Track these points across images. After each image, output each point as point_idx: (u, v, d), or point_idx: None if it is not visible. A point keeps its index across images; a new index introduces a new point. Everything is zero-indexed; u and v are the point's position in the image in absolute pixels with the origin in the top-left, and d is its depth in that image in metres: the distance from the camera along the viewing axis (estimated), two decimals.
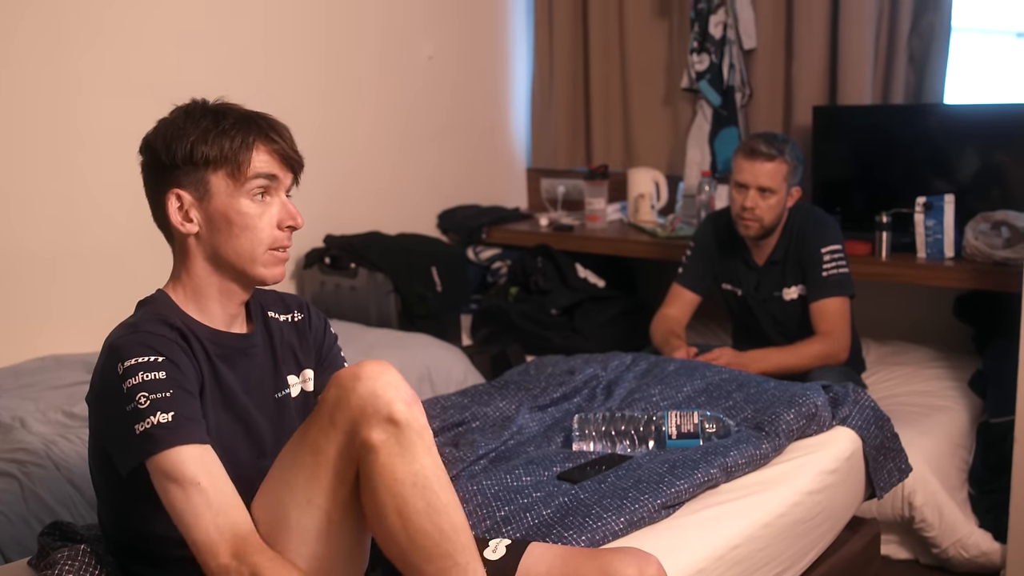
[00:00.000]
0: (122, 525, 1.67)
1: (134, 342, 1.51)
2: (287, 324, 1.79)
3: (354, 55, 4.06)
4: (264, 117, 1.64)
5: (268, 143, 1.61)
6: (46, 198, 3.13)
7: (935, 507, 2.93)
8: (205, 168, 1.58)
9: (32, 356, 3.12)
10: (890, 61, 3.79)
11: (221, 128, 1.58)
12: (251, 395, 1.67)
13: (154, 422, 1.44)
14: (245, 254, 1.61)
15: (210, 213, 1.60)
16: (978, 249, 3.28)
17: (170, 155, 1.58)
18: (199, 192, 1.60)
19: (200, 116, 1.60)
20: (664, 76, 4.43)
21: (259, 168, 1.60)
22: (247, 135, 1.59)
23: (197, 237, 1.63)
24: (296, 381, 1.77)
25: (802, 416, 2.39)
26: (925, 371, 3.58)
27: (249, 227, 1.60)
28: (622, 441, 2.35)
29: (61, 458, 2.43)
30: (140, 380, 1.47)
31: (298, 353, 1.79)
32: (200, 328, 1.63)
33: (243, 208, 1.60)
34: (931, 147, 3.64)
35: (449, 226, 4.46)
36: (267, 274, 1.64)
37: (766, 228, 3.10)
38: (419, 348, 3.39)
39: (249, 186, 1.59)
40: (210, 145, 1.57)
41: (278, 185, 1.63)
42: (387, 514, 1.46)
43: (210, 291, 1.65)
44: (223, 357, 1.64)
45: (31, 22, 3.04)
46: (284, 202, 1.64)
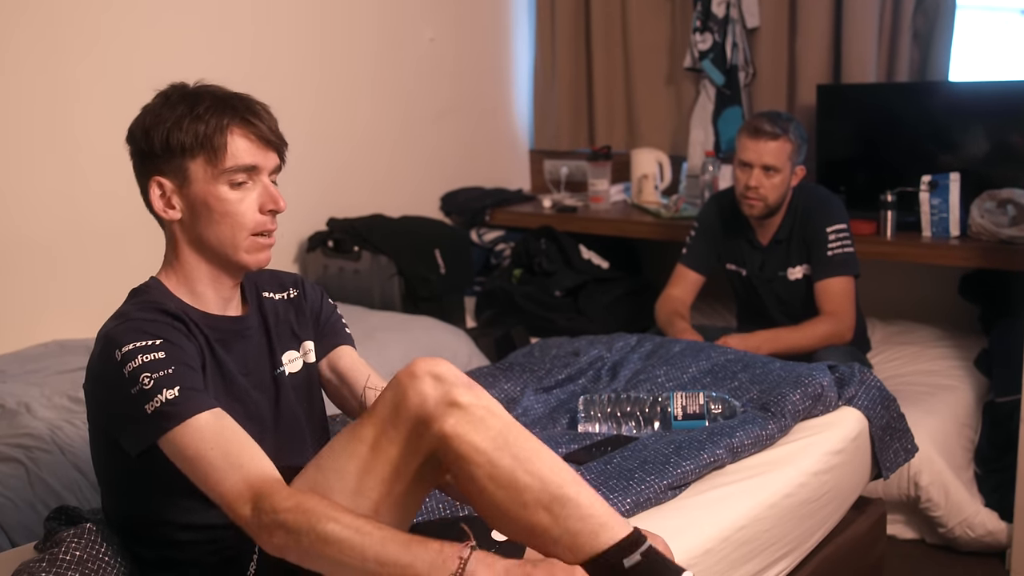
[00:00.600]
0: (126, 511, 1.68)
1: (128, 329, 1.51)
2: (283, 302, 1.79)
3: (355, 37, 4.04)
4: (241, 98, 1.62)
5: (245, 126, 1.59)
6: (49, 184, 3.12)
7: (941, 487, 2.93)
8: (182, 155, 1.57)
9: (36, 342, 3.13)
10: (894, 39, 3.77)
11: (196, 114, 1.57)
12: (249, 376, 1.68)
13: (162, 399, 1.44)
14: (227, 240, 1.60)
15: (191, 200, 1.60)
16: (984, 227, 3.26)
17: (149, 143, 1.58)
18: (179, 179, 1.59)
19: (177, 101, 1.59)
20: (667, 56, 4.41)
21: (238, 158, 1.58)
22: (221, 119, 1.57)
23: (181, 224, 1.63)
24: (296, 356, 1.77)
25: (808, 396, 2.38)
26: (931, 350, 3.57)
27: (229, 213, 1.59)
28: (627, 422, 2.34)
29: (67, 443, 2.43)
30: (140, 362, 1.47)
31: (296, 328, 1.79)
32: (195, 313, 1.63)
33: (222, 194, 1.59)
34: (936, 125, 3.62)
35: (452, 208, 4.45)
36: (250, 260, 1.63)
37: (770, 207, 3.08)
38: (423, 331, 3.38)
39: (228, 175, 1.58)
40: (185, 131, 1.56)
41: (259, 171, 1.61)
42: (489, 490, 1.42)
43: (200, 276, 1.65)
44: (220, 341, 1.64)
45: (29, 10, 3.03)
46: (266, 185, 1.62)
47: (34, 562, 1.62)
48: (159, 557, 1.65)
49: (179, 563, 1.64)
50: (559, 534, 1.40)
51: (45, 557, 1.63)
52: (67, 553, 1.62)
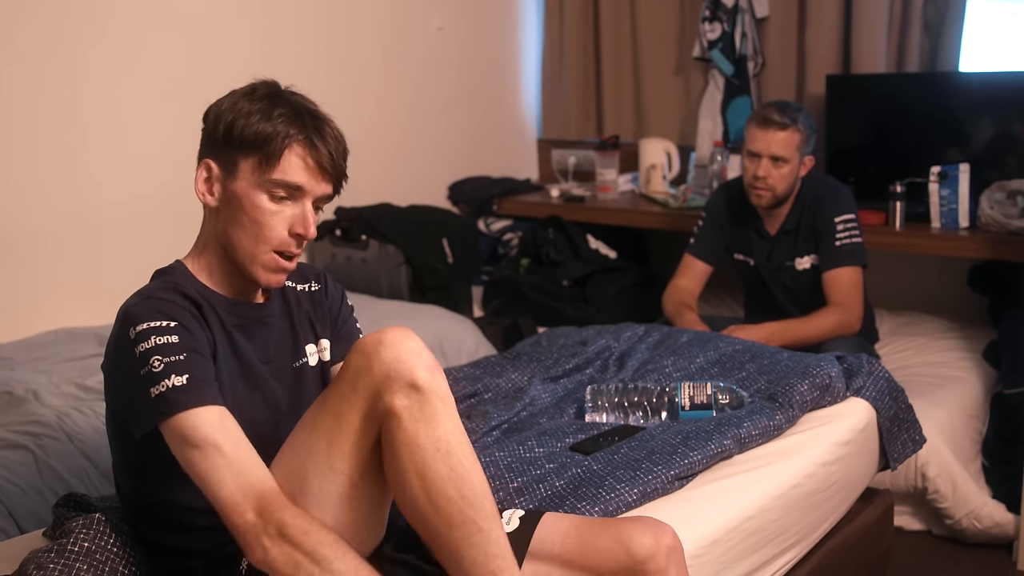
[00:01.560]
0: (140, 491, 1.67)
1: (146, 308, 1.51)
2: (304, 294, 1.79)
3: (362, 26, 4.03)
4: (316, 117, 1.60)
5: (307, 146, 1.57)
6: (59, 172, 3.13)
7: (948, 478, 2.92)
8: (239, 148, 1.56)
9: (45, 329, 3.13)
10: (904, 29, 3.75)
11: (268, 115, 1.55)
12: (269, 364, 1.67)
13: (169, 385, 1.44)
14: (247, 249, 1.59)
15: (230, 194, 1.58)
16: (993, 219, 3.25)
17: (216, 126, 1.58)
18: (227, 169, 1.58)
19: (260, 97, 1.58)
20: (676, 45, 4.39)
21: (288, 174, 1.56)
22: (288, 129, 1.55)
23: (215, 213, 1.62)
24: (313, 350, 1.76)
25: (816, 387, 2.38)
26: (939, 342, 3.56)
27: (259, 222, 1.57)
28: (635, 412, 2.34)
29: (75, 431, 2.43)
30: (153, 344, 1.46)
31: (315, 322, 1.78)
32: (216, 298, 1.62)
33: (259, 202, 1.57)
34: (946, 116, 3.61)
35: (460, 197, 4.45)
36: (263, 277, 1.61)
37: (779, 197, 3.08)
38: (430, 320, 3.38)
39: (271, 185, 1.56)
40: (250, 127, 1.55)
41: (304, 194, 1.58)
42: (409, 480, 1.45)
43: (222, 266, 1.64)
44: (240, 327, 1.64)
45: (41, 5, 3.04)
46: (306, 209, 1.59)
47: (43, 552, 1.62)
48: (170, 543, 1.65)
49: (189, 550, 1.64)
50: (460, 556, 1.46)
51: (54, 547, 1.63)
52: (75, 544, 1.62)
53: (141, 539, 1.69)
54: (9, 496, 2.21)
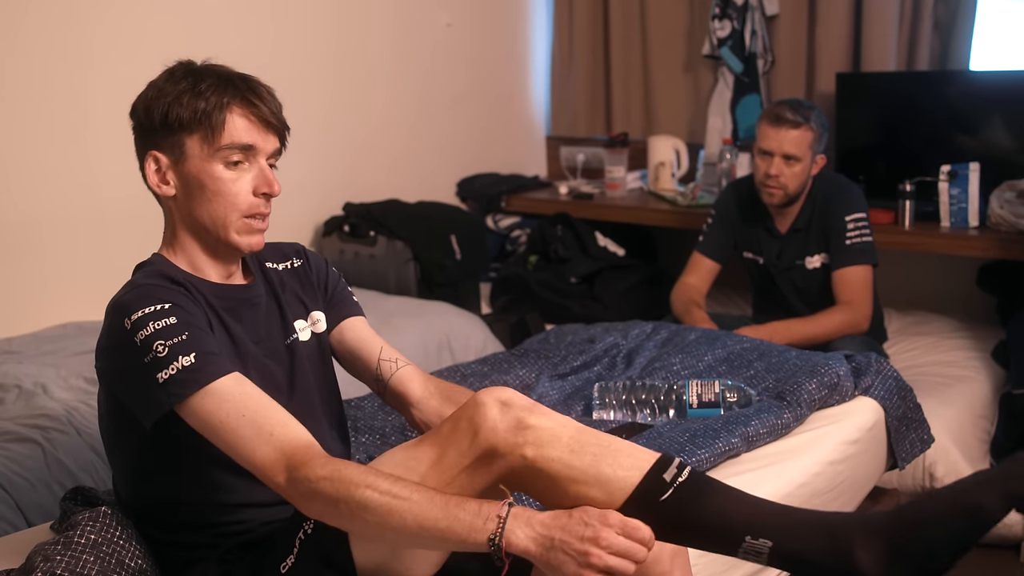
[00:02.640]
0: (138, 493, 1.68)
1: (136, 296, 1.50)
2: (287, 271, 1.79)
3: (372, 22, 4.03)
4: (245, 79, 1.61)
5: (246, 106, 1.58)
6: (66, 165, 3.13)
7: (956, 478, 2.89)
8: (180, 131, 1.57)
9: (54, 323, 3.14)
10: (915, 27, 3.74)
11: (197, 90, 1.56)
12: (261, 344, 1.67)
13: (178, 367, 1.44)
14: (219, 220, 1.59)
15: (185, 176, 1.59)
16: (1003, 218, 3.24)
17: (149, 117, 1.58)
18: (175, 155, 1.58)
19: (181, 77, 1.58)
20: (685, 43, 4.38)
21: (235, 136, 1.57)
22: (222, 96, 1.56)
23: (175, 200, 1.62)
24: (305, 325, 1.76)
25: (824, 386, 2.37)
26: (947, 341, 3.55)
27: (222, 192, 1.58)
28: (643, 410, 2.34)
29: (83, 424, 2.44)
30: (152, 329, 1.46)
31: (303, 298, 1.78)
32: (201, 283, 1.62)
33: (216, 173, 1.58)
34: (956, 114, 3.59)
35: (468, 194, 4.44)
36: (241, 242, 1.62)
37: (790, 196, 3.07)
38: (438, 316, 3.38)
39: (224, 153, 1.57)
40: (184, 107, 1.55)
41: (256, 152, 1.60)
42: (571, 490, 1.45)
43: (197, 252, 1.65)
44: (229, 310, 1.63)
45: None
46: (262, 167, 1.61)
47: (50, 544, 1.62)
48: (171, 540, 1.66)
49: (192, 546, 1.64)
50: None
51: (60, 540, 1.63)
52: (82, 536, 1.62)
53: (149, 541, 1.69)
54: (17, 489, 2.22)
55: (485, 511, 1.33)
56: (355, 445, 2.19)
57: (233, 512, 1.61)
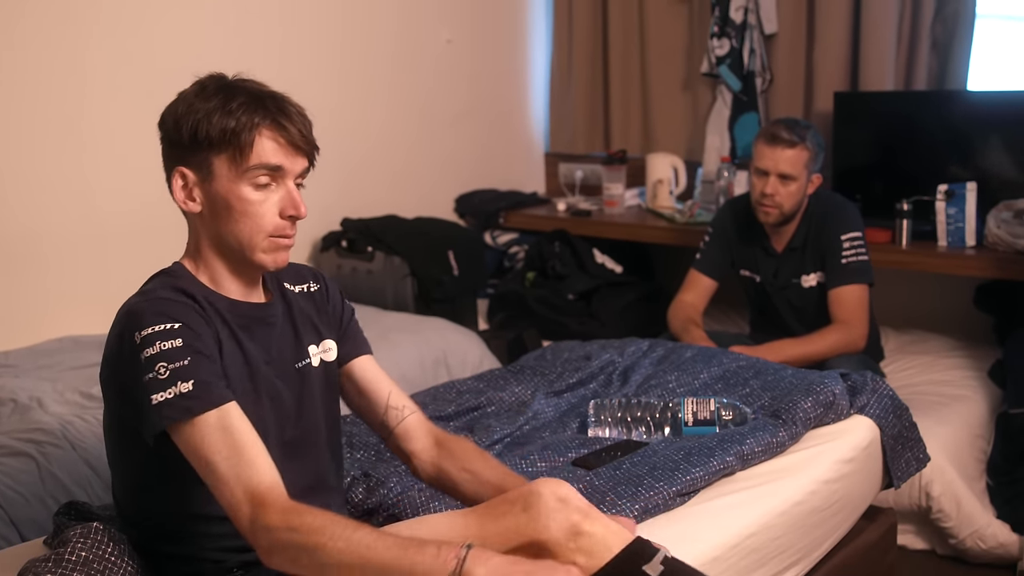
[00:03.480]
0: (139, 504, 1.67)
1: (149, 310, 1.49)
2: (303, 295, 1.78)
3: (372, 38, 4.05)
4: (276, 98, 1.59)
5: (275, 128, 1.56)
6: (65, 179, 3.14)
7: (952, 497, 2.91)
8: (208, 149, 1.54)
9: (50, 337, 3.14)
10: (913, 47, 3.76)
11: (227, 109, 1.54)
12: (272, 365, 1.66)
13: (176, 392, 1.43)
14: (244, 240, 1.58)
15: (211, 195, 1.57)
16: (1000, 238, 3.25)
17: (178, 132, 1.56)
18: (202, 173, 1.57)
19: (212, 94, 1.56)
20: (684, 61, 4.40)
21: (263, 158, 1.55)
22: (252, 117, 1.54)
23: (200, 217, 1.61)
24: (316, 351, 1.75)
25: (820, 404, 2.37)
26: (944, 360, 3.55)
27: (249, 214, 1.57)
28: (638, 427, 2.34)
29: (78, 439, 2.44)
30: (158, 349, 1.45)
31: (317, 323, 1.77)
32: (218, 299, 1.61)
33: (244, 194, 1.56)
34: (953, 134, 3.60)
35: (466, 210, 4.45)
36: (267, 260, 1.61)
37: (786, 215, 3.07)
38: (435, 332, 3.38)
39: (252, 174, 1.55)
40: (213, 125, 1.53)
41: (284, 174, 1.58)
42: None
43: (219, 268, 1.63)
44: (244, 327, 1.62)
45: (39, 3, 3.04)
46: (290, 189, 1.59)
47: (40, 561, 1.60)
48: (171, 554, 1.64)
49: (192, 559, 1.62)
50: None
51: (51, 557, 1.61)
52: (73, 554, 1.60)
53: (143, 550, 1.67)
54: (11, 503, 2.21)
55: (444, 552, 1.34)
56: (350, 461, 2.19)
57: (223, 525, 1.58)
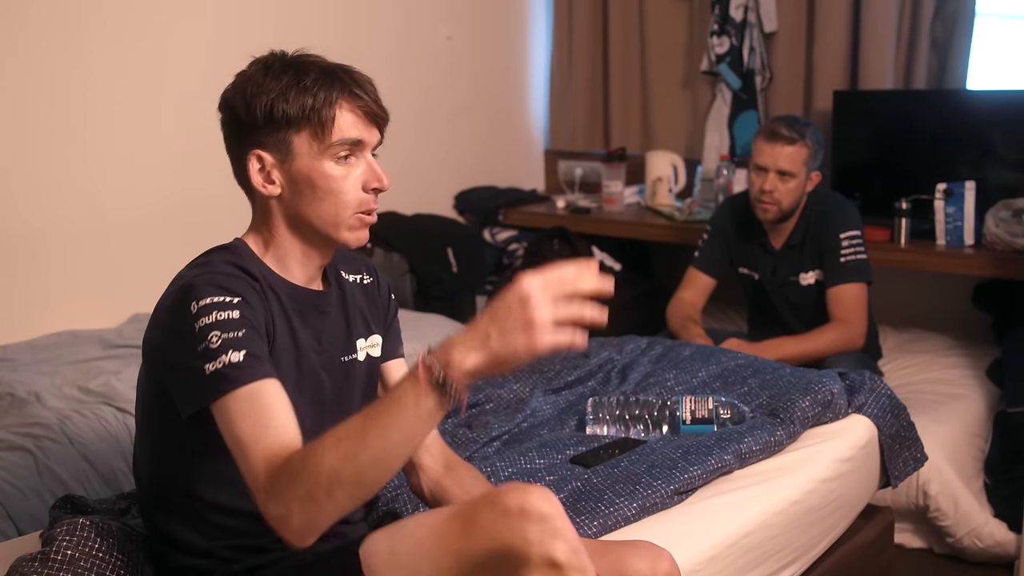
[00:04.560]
0: (162, 477, 1.61)
1: (207, 282, 1.45)
2: (356, 285, 1.75)
3: (372, 35, 4.04)
4: (347, 70, 1.56)
5: (353, 99, 1.53)
6: (65, 174, 3.14)
7: (950, 496, 2.91)
8: (287, 128, 1.51)
9: (49, 331, 3.14)
10: (912, 46, 3.76)
11: (303, 85, 1.50)
12: (321, 354, 1.62)
13: (226, 361, 1.38)
14: (329, 218, 1.54)
15: (292, 175, 1.53)
16: (998, 237, 3.25)
17: (250, 113, 1.51)
18: (281, 153, 1.53)
19: (280, 71, 1.52)
20: (684, 59, 4.40)
21: (345, 131, 1.52)
22: (330, 92, 1.51)
23: (279, 199, 1.56)
24: (364, 345, 1.71)
25: (817, 403, 2.37)
26: (942, 359, 3.55)
27: (334, 191, 1.53)
28: (636, 425, 2.34)
29: (75, 433, 2.44)
30: (214, 319, 1.41)
31: (368, 317, 1.74)
32: (277, 280, 1.57)
33: (327, 171, 1.53)
34: (952, 133, 3.60)
35: (466, 207, 4.45)
36: (351, 238, 1.57)
37: (784, 212, 3.07)
38: (434, 329, 3.38)
39: (334, 149, 1.52)
40: (291, 103, 1.50)
41: (363, 147, 1.56)
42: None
43: (291, 251, 1.59)
44: (299, 312, 1.59)
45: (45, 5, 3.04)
46: (370, 162, 1.56)
47: (26, 561, 1.59)
48: (186, 538, 1.59)
49: (201, 551, 1.58)
50: None
51: (37, 556, 1.59)
52: (58, 552, 1.58)
53: (157, 533, 1.62)
54: (8, 498, 2.21)
55: (410, 376, 1.29)
56: None
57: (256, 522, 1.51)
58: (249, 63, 1.56)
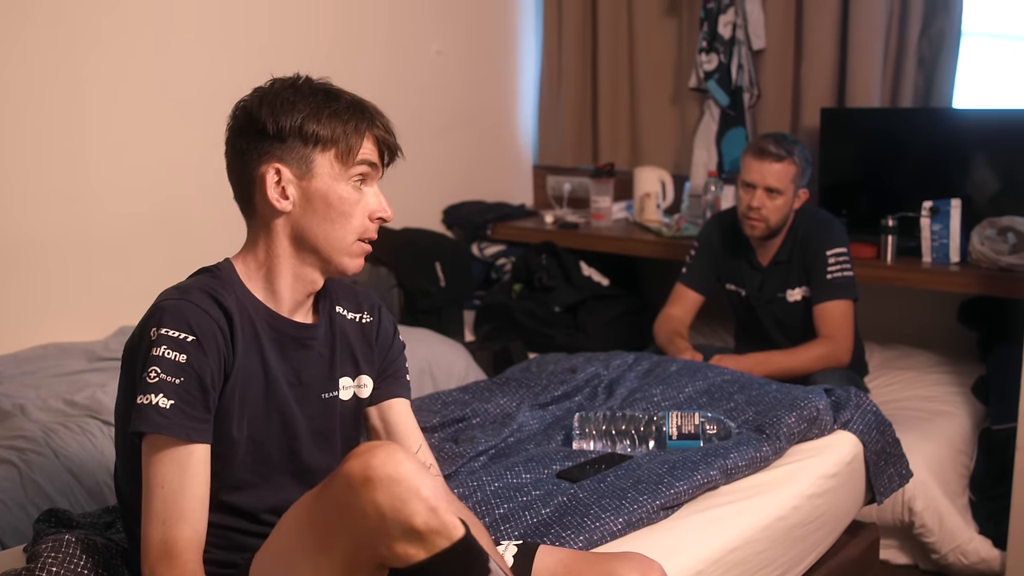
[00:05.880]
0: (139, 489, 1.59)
1: (175, 310, 1.46)
2: (353, 323, 1.74)
3: (363, 48, 4.05)
4: (370, 104, 1.63)
5: (378, 129, 1.60)
6: (52, 186, 3.13)
7: (935, 512, 2.92)
8: (314, 146, 1.55)
9: (34, 343, 3.12)
10: (899, 64, 3.78)
11: (334, 109, 1.56)
12: (296, 388, 1.61)
13: (153, 401, 1.41)
14: (335, 241, 1.58)
15: (309, 193, 1.56)
16: (984, 255, 3.27)
17: (277, 126, 1.53)
18: (301, 169, 1.55)
19: (309, 92, 1.57)
20: (672, 75, 4.42)
21: (367, 157, 1.58)
22: (360, 121, 1.57)
23: (288, 216, 1.57)
24: (350, 384, 1.71)
25: (803, 419, 2.38)
26: (928, 376, 3.57)
27: (346, 214, 1.57)
28: (622, 441, 2.34)
29: (60, 446, 2.42)
30: (161, 354, 1.43)
31: (358, 356, 1.72)
32: (258, 308, 1.57)
33: (344, 193, 1.57)
34: (939, 151, 3.63)
35: (454, 221, 4.46)
36: (351, 265, 1.61)
37: (772, 229, 3.09)
38: (421, 343, 3.38)
39: (352, 172, 1.57)
40: (323, 124, 1.54)
41: (374, 174, 1.61)
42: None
43: (284, 273, 1.59)
44: (276, 342, 1.58)
45: (40, 12, 3.04)
46: (377, 192, 1.62)
47: None
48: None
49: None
50: None
51: (22, 572, 1.58)
52: (43, 569, 1.57)
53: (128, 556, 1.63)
54: None
55: None
56: None
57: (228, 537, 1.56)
58: (271, 80, 1.60)
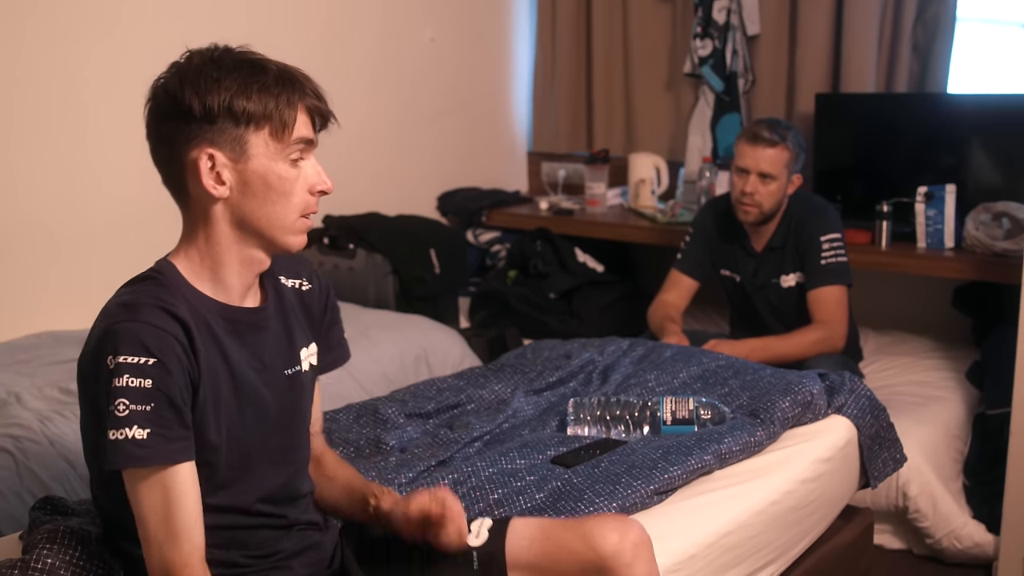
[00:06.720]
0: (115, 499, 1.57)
1: (129, 333, 1.38)
2: (294, 291, 1.69)
3: (356, 35, 4.04)
4: (300, 72, 1.52)
5: (310, 101, 1.50)
6: (47, 174, 3.12)
7: (929, 497, 2.93)
8: (247, 125, 1.44)
9: (29, 332, 3.13)
10: (894, 49, 3.78)
11: (263, 82, 1.45)
12: (262, 372, 1.57)
13: (128, 435, 1.35)
14: (277, 221, 1.49)
15: (246, 176, 1.46)
16: (978, 240, 3.27)
17: (204, 107, 1.42)
18: (235, 152, 1.45)
19: (234, 66, 1.45)
20: (667, 61, 4.41)
21: (301, 132, 1.48)
22: (292, 93, 1.47)
23: (225, 202, 1.48)
24: (306, 355, 1.67)
25: (798, 404, 2.38)
26: (923, 361, 3.57)
27: (287, 193, 1.48)
28: (617, 426, 2.35)
29: (56, 434, 2.43)
30: (125, 383, 1.36)
31: (306, 326, 1.69)
32: (209, 304, 1.51)
33: (283, 172, 1.47)
34: (933, 137, 3.63)
35: (449, 208, 4.45)
36: (295, 242, 1.53)
37: (765, 214, 3.09)
38: (416, 330, 3.38)
39: (290, 150, 1.47)
40: (253, 100, 1.43)
41: (311, 149, 1.52)
42: None
43: (229, 260, 1.52)
44: (234, 333, 1.53)
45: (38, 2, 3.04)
46: (315, 164, 1.52)
47: (5, 567, 1.57)
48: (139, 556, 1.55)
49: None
50: None
51: (16, 563, 1.57)
52: (39, 561, 1.57)
53: (120, 553, 1.62)
54: None
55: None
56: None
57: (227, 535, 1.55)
58: (187, 55, 1.48)
